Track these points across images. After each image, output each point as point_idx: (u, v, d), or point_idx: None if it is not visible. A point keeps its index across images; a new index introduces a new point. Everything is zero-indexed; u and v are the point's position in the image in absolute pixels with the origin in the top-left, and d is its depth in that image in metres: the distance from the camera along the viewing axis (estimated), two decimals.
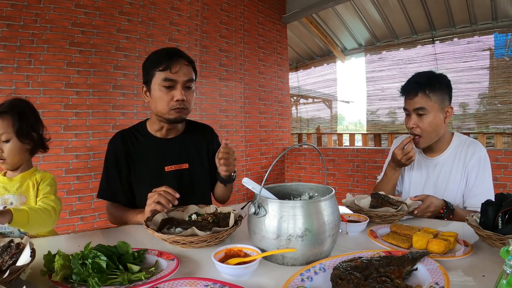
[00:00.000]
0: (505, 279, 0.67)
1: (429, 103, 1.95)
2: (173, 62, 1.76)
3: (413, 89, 2.01)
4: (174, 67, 1.75)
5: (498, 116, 7.44)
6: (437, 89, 1.95)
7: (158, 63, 1.77)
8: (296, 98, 11.81)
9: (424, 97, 1.95)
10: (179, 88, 1.77)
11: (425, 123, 1.97)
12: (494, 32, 7.38)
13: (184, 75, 1.79)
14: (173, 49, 1.85)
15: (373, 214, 1.60)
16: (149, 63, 1.83)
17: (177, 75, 1.76)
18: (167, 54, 1.79)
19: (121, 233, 1.53)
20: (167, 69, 1.75)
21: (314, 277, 0.99)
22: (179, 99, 1.76)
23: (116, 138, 1.95)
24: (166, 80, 1.76)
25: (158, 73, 1.77)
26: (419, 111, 1.98)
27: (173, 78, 1.76)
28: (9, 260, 0.97)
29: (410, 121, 2.03)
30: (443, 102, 1.97)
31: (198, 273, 1.05)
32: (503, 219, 1.28)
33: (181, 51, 1.85)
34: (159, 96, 1.79)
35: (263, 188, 1.17)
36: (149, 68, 1.82)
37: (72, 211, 4.35)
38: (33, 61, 4.02)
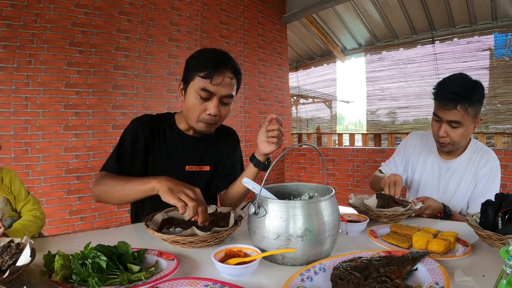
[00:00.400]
0: (505, 279, 0.66)
1: (465, 118, 1.82)
2: (217, 73, 1.59)
3: (452, 100, 1.82)
4: (217, 79, 1.59)
5: (497, 116, 7.44)
6: (475, 102, 1.83)
7: (201, 68, 1.60)
8: (296, 98, 11.81)
9: (463, 110, 1.80)
10: (215, 102, 1.62)
11: (457, 135, 1.88)
12: (494, 32, 7.38)
13: (224, 90, 1.62)
14: (222, 56, 1.68)
15: (382, 214, 1.60)
16: (193, 63, 1.67)
17: (217, 88, 1.60)
18: (214, 61, 1.62)
19: (121, 233, 1.53)
20: (209, 78, 1.58)
21: (314, 277, 0.98)
22: (211, 114, 1.63)
23: (145, 119, 1.81)
24: (203, 90, 1.60)
25: (198, 79, 1.61)
26: (453, 124, 1.85)
27: (211, 91, 1.60)
28: (9, 260, 0.97)
29: (441, 130, 1.89)
30: (477, 114, 1.88)
31: (198, 273, 1.05)
32: (503, 219, 1.28)
33: (230, 60, 1.69)
34: (192, 103, 1.65)
35: (263, 188, 1.17)
36: (191, 68, 1.66)
37: (72, 211, 4.36)
38: (33, 61, 4.02)
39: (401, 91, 8.89)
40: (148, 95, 5.08)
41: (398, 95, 8.97)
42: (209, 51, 1.71)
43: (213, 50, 1.71)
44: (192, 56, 1.71)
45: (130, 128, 1.77)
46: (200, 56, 1.68)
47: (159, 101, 5.23)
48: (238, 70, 1.71)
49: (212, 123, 1.69)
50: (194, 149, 1.85)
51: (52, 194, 4.22)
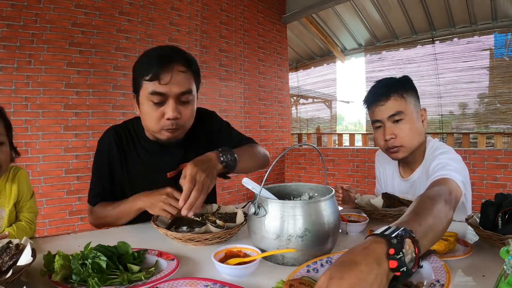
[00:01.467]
0: (505, 279, 0.67)
1: (404, 106, 1.66)
2: (163, 70, 1.41)
3: (383, 93, 1.68)
4: (164, 77, 1.40)
5: (497, 116, 7.44)
6: (409, 90, 1.69)
7: (146, 70, 1.43)
8: (296, 98, 11.81)
9: (399, 99, 1.66)
10: (171, 103, 1.44)
11: (405, 130, 1.67)
12: (494, 32, 7.38)
13: (177, 87, 1.43)
14: (165, 51, 1.48)
15: (388, 214, 1.61)
16: (137, 68, 1.51)
17: (168, 87, 1.41)
18: (158, 58, 1.44)
19: (121, 233, 1.52)
20: (156, 79, 1.40)
21: (320, 269, 1.00)
22: (170, 117, 1.45)
23: (108, 138, 1.67)
24: (154, 94, 1.42)
25: (146, 84, 1.44)
26: (395, 117, 1.67)
27: (162, 92, 1.42)
28: (9, 261, 0.97)
29: (386, 132, 1.69)
30: (417, 104, 1.73)
31: (198, 273, 1.05)
32: (503, 219, 1.27)
33: (176, 52, 1.49)
34: (147, 112, 1.49)
35: (263, 188, 1.17)
36: (136, 75, 1.51)
37: (72, 211, 4.36)
38: (33, 61, 4.02)
39: None
40: None
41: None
42: (152, 50, 1.52)
43: (156, 48, 1.53)
44: (136, 62, 1.54)
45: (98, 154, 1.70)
46: (142, 58, 1.51)
47: None
48: (190, 60, 1.50)
49: (175, 128, 1.51)
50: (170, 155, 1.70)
51: (52, 194, 4.22)
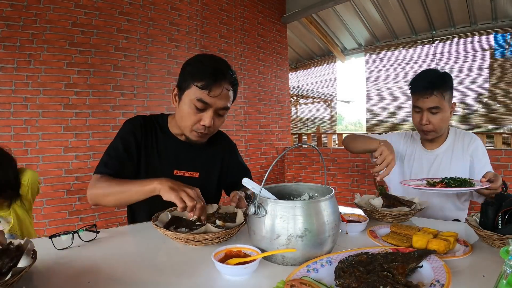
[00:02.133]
0: (505, 279, 0.67)
1: (442, 102, 2.02)
2: (215, 85, 1.54)
3: (427, 89, 2.02)
4: (215, 91, 1.54)
5: (497, 116, 7.45)
6: (448, 88, 2.03)
7: (199, 77, 1.55)
8: (296, 98, 11.81)
9: (439, 96, 2.01)
10: (210, 113, 1.59)
11: (438, 120, 2.05)
12: (494, 32, 7.38)
13: (221, 102, 1.59)
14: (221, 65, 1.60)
15: (387, 214, 1.61)
16: (190, 70, 1.60)
17: (214, 100, 1.56)
18: (214, 71, 1.55)
19: (121, 233, 1.52)
20: (206, 89, 1.53)
21: (320, 269, 1.01)
22: (206, 125, 1.60)
23: (137, 121, 1.78)
24: (200, 101, 1.56)
25: (195, 89, 1.55)
26: (433, 110, 2.04)
27: (208, 102, 1.56)
28: (9, 262, 0.97)
29: (423, 118, 2.07)
30: (451, 98, 2.08)
31: (198, 273, 1.05)
32: (503, 219, 1.28)
33: (229, 69, 1.62)
34: (186, 112, 1.61)
35: (263, 188, 1.17)
36: (187, 76, 1.59)
37: (72, 211, 4.36)
38: (33, 61, 4.02)
39: (401, 91, 8.89)
40: (148, 95, 5.08)
41: (398, 95, 8.97)
42: (208, 59, 1.63)
43: (211, 58, 1.64)
44: (189, 63, 1.65)
45: (123, 131, 1.75)
46: (198, 63, 1.61)
47: (159, 101, 5.23)
48: (236, 81, 1.66)
49: (205, 134, 1.67)
50: (184, 155, 1.81)
51: (52, 194, 4.22)
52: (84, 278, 1.01)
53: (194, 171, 1.83)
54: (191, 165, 1.82)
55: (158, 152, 1.78)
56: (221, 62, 1.63)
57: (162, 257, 1.20)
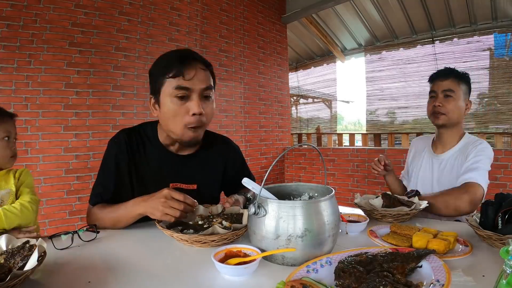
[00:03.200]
0: (505, 279, 0.67)
1: (457, 88, 2.07)
2: (186, 66, 1.45)
3: (445, 73, 2.12)
4: (188, 73, 1.45)
5: (497, 116, 7.45)
6: (464, 81, 2.09)
7: (168, 68, 1.46)
8: (296, 98, 11.81)
9: (455, 81, 2.07)
10: (196, 98, 1.47)
11: (451, 105, 2.07)
12: (494, 32, 7.39)
13: (201, 82, 1.48)
14: (185, 51, 1.54)
15: (387, 214, 1.61)
16: (157, 68, 1.53)
17: (193, 82, 1.46)
18: (179, 57, 1.48)
19: (123, 233, 1.52)
20: (180, 75, 1.44)
21: (319, 269, 1.01)
22: (196, 112, 1.47)
23: (119, 140, 1.66)
24: (178, 89, 1.45)
25: (169, 81, 1.46)
26: (447, 92, 2.08)
27: (187, 86, 1.45)
28: (20, 262, 0.96)
29: (437, 100, 2.11)
30: (467, 93, 2.11)
31: (198, 273, 1.05)
32: (503, 219, 1.28)
33: (195, 53, 1.55)
34: (171, 109, 1.49)
35: (263, 188, 1.17)
36: (157, 74, 1.52)
37: (72, 211, 4.36)
38: (33, 61, 4.02)
39: (401, 91, 8.89)
40: (147, 95, 5.07)
41: (398, 95, 8.97)
42: (171, 52, 1.58)
43: (174, 50, 1.59)
44: (154, 64, 1.58)
45: (106, 155, 1.67)
46: (161, 59, 1.56)
47: None
48: (207, 62, 1.56)
49: (199, 126, 1.52)
50: (179, 167, 1.71)
51: (52, 195, 4.22)
52: (84, 278, 1.01)
53: (191, 184, 1.71)
54: (187, 178, 1.71)
55: (149, 165, 1.68)
56: (184, 50, 1.58)
57: (162, 257, 1.20)
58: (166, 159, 1.69)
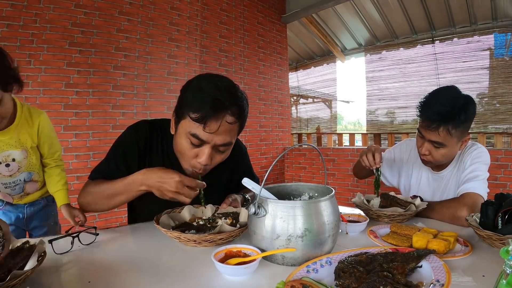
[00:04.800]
0: (505, 279, 0.67)
1: (448, 139, 1.74)
2: (212, 117, 1.32)
3: (434, 121, 1.73)
4: (211, 125, 1.32)
5: (497, 116, 7.45)
6: (460, 124, 1.73)
7: (193, 108, 1.33)
8: (296, 98, 11.81)
9: (445, 133, 1.72)
10: (207, 150, 1.39)
11: (439, 155, 1.82)
12: (494, 32, 7.39)
13: (220, 138, 1.37)
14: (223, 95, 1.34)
15: (382, 214, 1.61)
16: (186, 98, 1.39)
17: (211, 136, 1.35)
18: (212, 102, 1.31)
19: (124, 233, 1.52)
20: (201, 122, 1.32)
21: (319, 269, 1.01)
22: (202, 163, 1.42)
23: (142, 130, 1.63)
24: (193, 137, 1.36)
25: (189, 121, 1.35)
26: (435, 144, 1.79)
27: (203, 139, 1.36)
28: (20, 262, 0.96)
29: (423, 147, 1.84)
30: (464, 134, 1.80)
31: (198, 273, 1.05)
32: (503, 219, 1.27)
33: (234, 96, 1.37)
34: (182, 146, 1.43)
35: (263, 188, 1.17)
36: (183, 103, 1.39)
37: None
38: (33, 61, 4.02)
39: (401, 91, 8.89)
40: (148, 95, 5.08)
41: (398, 95, 8.97)
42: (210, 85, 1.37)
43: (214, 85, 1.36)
44: (187, 86, 1.43)
45: (125, 138, 1.63)
46: (195, 89, 1.37)
47: (159, 101, 5.23)
48: (242, 110, 1.40)
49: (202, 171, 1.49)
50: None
51: None
52: (84, 278, 1.01)
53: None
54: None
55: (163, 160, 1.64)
56: (224, 88, 1.37)
57: (162, 257, 1.20)
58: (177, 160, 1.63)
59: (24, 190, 1.95)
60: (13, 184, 1.87)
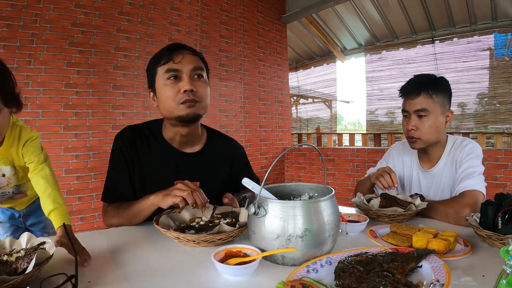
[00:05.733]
0: (505, 279, 0.67)
1: (431, 105, 1.83)
2: (174, 53, 1.56)
3: (415, 89, 1.88)
4: (177, 57, 1.55)
5: (497, 116, 7.45)
6: (439, 91, 1.84)
7: (159, 58, 1.59)
8: (296, 98, 11.82)
9: (427, 97, 1.83)
10: (186, 77, 1.54)
11: (426, 126, 1.85)
12: (494, 32, 7.39)
13: (189, 63, 1.57)
14: (174, 43, 1.65)
15: (382, 214, 1.61)
16: (150, 63, 1.65)
17: (181, 64, 1.55)
18: (167, 47, 1.60)
19: (123, 233, 1.52)
20: (169, 60, 1.55)
21: (319, 269, 1.01)
22: (186, 89, 1.53)
23: (124, 135, 1.72)
24: (169, 71, 1.55)
25: (160, 68, 1.57)
26: (420, 112, 1.85)
27: (176, 68, 1.54)
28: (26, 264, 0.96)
29: (410, 123, 1.90)
30: (445, 105, 1.87)
31: (198, 273, 1.05)
32: (503, 219, 1.27)
33: (184, 44, 1.64)
34: (164, 92, 1.57)
35: (263, 188, 1.17)
36: (150, 68, 1.63)
37: (72, 211, 4.35)
38: (32, 61, 4.02)
39: None
40: (148, 93, 5.07)
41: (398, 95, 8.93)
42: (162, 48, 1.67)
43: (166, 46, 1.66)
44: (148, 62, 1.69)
45: (113, 151, 1.72)
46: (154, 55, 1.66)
47: None
48: (196, 50, 1.65)
49: (193, 100, 1.56)
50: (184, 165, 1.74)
51: None
52: (84, 278, 1.01)
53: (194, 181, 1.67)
54: (191, 175, 1.69)
55: (154, 163, 1.71)
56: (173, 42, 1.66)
57: (162, 257, 1.20)
58: (170, 155, 1.73)
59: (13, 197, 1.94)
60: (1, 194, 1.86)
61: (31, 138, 1.70)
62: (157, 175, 1.70)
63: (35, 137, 1.73)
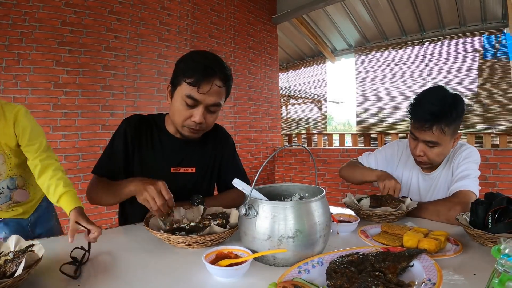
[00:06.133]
0: (497, 278, 0.67)
1: (442, 138, 1.76)
2: (204, 81, 1.54)
3: (427, 121, 1.75)
4: (204, 87, 1.54)
5: (486, 116, 7.52)
6: (453, 122, 1.76)
7: (189, 74, 1.55)
8: (286, 98, 11.83)
9: (439, 132, 1.74)
10: (201, 110, 1.59)
11: (434, 154, 1.83)
12: (483, 33, 7.45)
13: (211, 99, 1.58)
14: (212, 62, 1.60)
15: (372, 214, 1.62)
16: (181, 67, 1.62)
17: (204, 96, 1.56)
18: (203, 68, 1.55)
19: (114, 235, 1.51)
20: (195, 85, 1.53)
21: (311, 270, 1.01)
22: (197, 121, 1.60)
23: (132, 120, 1.82)
24: (189, 98, 1.56)
25: (185, 85, 1.56)
26: (430, 144, 1.80)
27: (197, 99, 1.56)
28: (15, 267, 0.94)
29: (417, 148, 1.85)
30: (455, 132, 1.82)
31: (189, 275, 1.04)
32: (493, 218, 1.29)
33: (220, 66, 1.61)
34: (178, 108, 1.62)
35: (253, 189, 1.16)
36: (179, 72, 1.61)
37: (62, 212, 4.30)
38: (21, 60, 3.98)
39: (391, 92, 8.94)
40: (137, 95, 5.06)
41: (387, 95, 9.02)
42: (200, 55, 1.65)
43: (203, 55, 1.66)
44: (182, 59, 1.66)
45: (118, 131, 1.80)
46: (189, 60, 1.63)
47: (149, 101, 5.21)
48: (228, 77, 1.64)
49: (197, 129, 1.67)
50: (180, 152, 1.83)
51: None
52: (74, 281, 1.00)
53: (190, 167, 1.85)
54: (187, 161, 1.84)
55: (153, 150, 1.80)
56: (212, 58, 1.63)
57: (153, 259, 1.19)
58: (168, 143, 1.82)
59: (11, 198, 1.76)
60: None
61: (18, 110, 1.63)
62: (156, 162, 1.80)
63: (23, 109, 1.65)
